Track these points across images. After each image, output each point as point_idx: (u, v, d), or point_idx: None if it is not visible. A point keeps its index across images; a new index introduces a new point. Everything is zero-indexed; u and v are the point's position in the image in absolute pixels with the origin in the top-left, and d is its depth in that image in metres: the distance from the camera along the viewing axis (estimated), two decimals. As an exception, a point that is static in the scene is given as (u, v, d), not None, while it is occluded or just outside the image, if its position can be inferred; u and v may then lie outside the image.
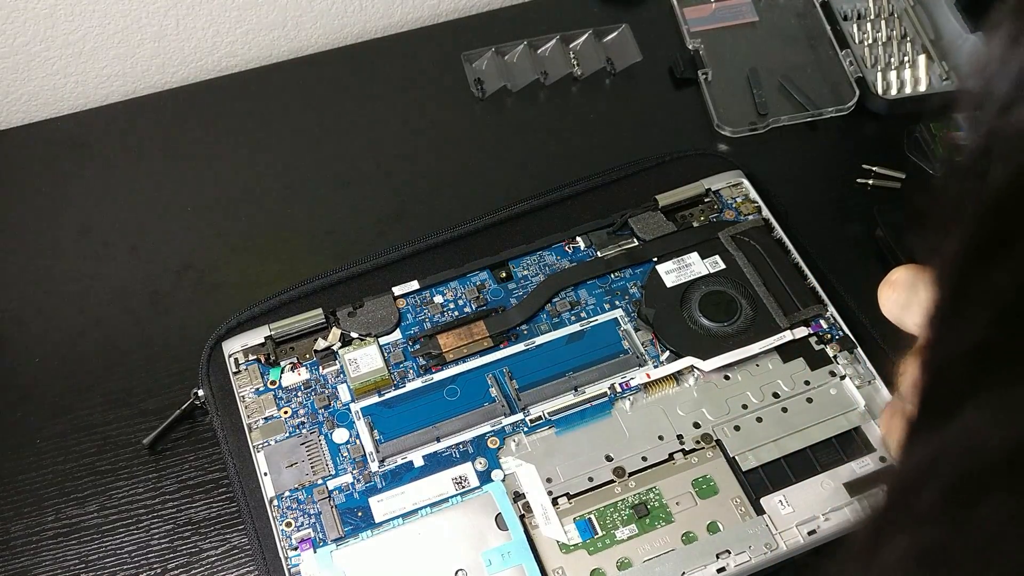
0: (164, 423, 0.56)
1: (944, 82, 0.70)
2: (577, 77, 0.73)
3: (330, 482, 0.51)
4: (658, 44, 0.74)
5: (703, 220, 0.61)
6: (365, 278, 0.59)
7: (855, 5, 0.75)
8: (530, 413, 0.53)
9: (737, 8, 0.75)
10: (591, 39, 0.74)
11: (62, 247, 0.65)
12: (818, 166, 0.69)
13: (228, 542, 0.53)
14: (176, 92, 0.74)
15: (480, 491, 0.51)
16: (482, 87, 0.72)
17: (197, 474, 0.55)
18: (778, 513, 0.50)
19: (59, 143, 0.70)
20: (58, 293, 0.63)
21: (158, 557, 0.52)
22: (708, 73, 0.71)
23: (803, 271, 0.58)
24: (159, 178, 0.69)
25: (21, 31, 0.70)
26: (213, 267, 0.64)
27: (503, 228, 0.61)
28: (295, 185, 0.68)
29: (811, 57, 0.73)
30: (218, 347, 0.56)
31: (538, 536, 0.49)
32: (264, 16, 0.76)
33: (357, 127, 0.71)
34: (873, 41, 0.72)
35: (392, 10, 0.79)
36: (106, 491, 0.55)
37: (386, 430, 0.53)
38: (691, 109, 0.71)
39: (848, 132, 0.69)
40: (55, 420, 0.57)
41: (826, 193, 0.67)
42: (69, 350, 0.60)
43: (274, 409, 0.54)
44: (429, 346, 0.56)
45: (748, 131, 0.69)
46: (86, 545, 0.53)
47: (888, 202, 0.65)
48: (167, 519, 0.54)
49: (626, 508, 0.50)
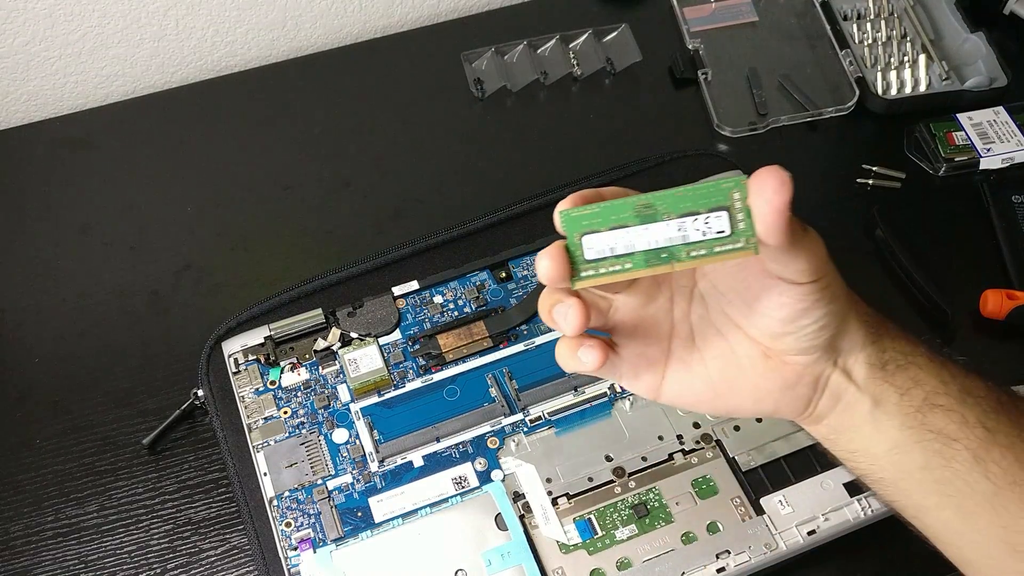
0: (164, 423, 0.56)
1: (944, 82, 0.70)
2: (577, 77, 0.73)
3: (330, 482, 0.51)
4: (658, 44, 0.74)
5: (703, 220, 0.61)
6: (365, 278, 0.59)
7: (855, 5, 0.75)
8: (530, 413, 0.53)
9: (737, 8, 0.75)
10: (591, 39, 0.74)
11: (62, 247, 0.65)
12: (818, 166, 0.69)
13: (228, 542, 0.53)
14: (176, 92, 0.74)
15: (480, 491, 0.51)
16: (482, 87, 0.72)
17: (197, 474, 0.55)
18: (778, 513, 0.50)
19: (59, 143, 0.70)
20: (58, 293, 0.63)
21: (158, 557, 0.52)
22: (708, 73, 0.71)
23: (803, 271, 0.58)
24: (159, 178, 0.69)
25: (21, 31, 0.70)
26: (213, 267, 0.64)
27: (503, 228, 0.61)
28: (295, 185, 0.68)
29: (811, 57, 0.73)
30: (218, 347, 0.56)
31: (538, 536, 0.49)
32: (264, 16, 0.76)
33: (357, 127, 0.71)
34: (873, 41, 0.72)
35: (392, 10, 0.79)
36: (106, 491, 0.55)
37: (386, 430, 0.53)
38: (691, 109, 0.71)
39: (848, 132, 0.69)
40: (55, 420, 0.57)
41: (826, 193, 0.67)
42: (69, 350, 0.60)
43: (274, 409, 0.54)
44: (429, 346, 0.56)
45: (748, 131, 0.69)
46: (86, 545, 0.53)
47: (888, 202, 0.65)
48: (167, 519, 0.54)
49: (626, 508, 0.50)
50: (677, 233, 0.32)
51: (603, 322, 0.38)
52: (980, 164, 0.66)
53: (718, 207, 0.31)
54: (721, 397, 0.39)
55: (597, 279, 0.33)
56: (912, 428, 0.37)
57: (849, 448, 0.39)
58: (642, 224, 0.32)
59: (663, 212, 0.32)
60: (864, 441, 0.38)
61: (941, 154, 0.66)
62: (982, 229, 0.64)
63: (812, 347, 0.36)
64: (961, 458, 0.36)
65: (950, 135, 0.67)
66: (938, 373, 0.38)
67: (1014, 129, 0.67)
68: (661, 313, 0.38)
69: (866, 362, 0.37)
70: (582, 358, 0.36)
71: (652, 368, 0.38)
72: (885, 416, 0.37)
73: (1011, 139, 0.66)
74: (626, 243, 0.32)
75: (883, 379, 0.37)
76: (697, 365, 0.38)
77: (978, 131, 0.67)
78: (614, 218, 0.32)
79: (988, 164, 0.66)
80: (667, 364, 0.39)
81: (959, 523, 0.38)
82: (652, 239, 0.32)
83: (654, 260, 0.32)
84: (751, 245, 0.31)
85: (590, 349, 0.36)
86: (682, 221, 0.31)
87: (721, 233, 0.31)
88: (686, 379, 0.38)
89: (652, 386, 0.39)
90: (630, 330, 0.38)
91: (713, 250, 0.31)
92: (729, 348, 0.38)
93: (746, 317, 0.37)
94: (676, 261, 0.32)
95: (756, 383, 0.38)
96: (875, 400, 0.37)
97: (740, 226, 0.31)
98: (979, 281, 0.60)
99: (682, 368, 0.38)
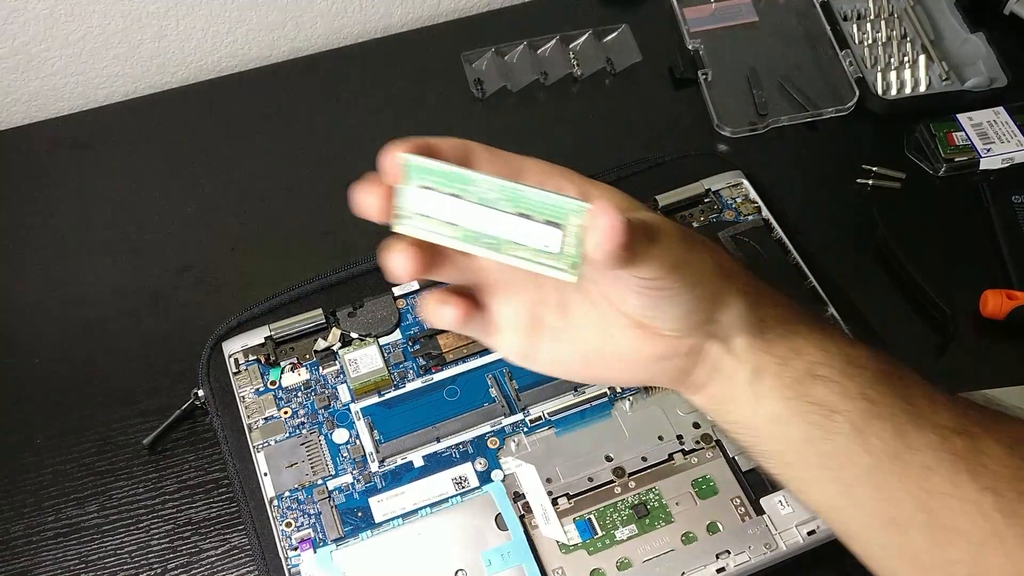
0: (164, 423, 0.56)
1: (944, 82, 0.70)
2: (577, 77, 0.73)
3: (330, 482, 0.51)
4: (658, 44, 0.74)
5: (703, 220, 0.61)
6: (365, 278, 0.59)
7: (855, 5, 0.75)
8: (530, 413, 0.53)
9: (737, 8, 0.75)
10: (591, 39, 0.74)
11: (62, 247, 0.65)
12: (818, 166, 0.69)
13: (228, 542, 0.53)
14: (176, 92, 0.74)
15: (480, 491, 0.51)
16: (482, 87, 0.72)
17: (197, 474, 0.55)
18: (778, 513, 0.50)
19: (59, 143, 0.71)
20: (58, 293, 0.63)
21: (158, 557, 0.52)
22: (708, 73, 0.71)
23: (803, 271, 0.58)
24: (159, 178, 0.69)
25: (21, 31, 0.70)
26: (213, 267, 0.64)
27: (503, 228, 0.61)
28: (295, 185, 0.68)
29: (811, 57, 0.73)
30: (218, 347, 0.56)
31: (538, 536, 0.49)
32: (264, 16, 0.76)
33: (357, 127, 0.71)
34: (873, 41, 0.72)
35: (392, 10, 0.79)
36: (106, 491, 0.55)
37: (386, 430, 0.53)
38: (691, 109, 0.71)
39: (848, 132, 0.69)
40: (55, 420, 0.57)
41: (826, 193, 0.67)
42: (69, 350, 0.60)
43: (274, 409, 0.54)
44: (429, 346, 0.56)
45: (748, 131, 0.69)
46: (86, 545, 0.53)
47: (888, 202, 0.65)
48: (167, 519, 0.54)
49: (626, 508, 0.50)
50: (508, 228, 0.31)
51: (462, 276, 0.36)
52: (980, 164, 0.66)
53: (554, 223, 0.30)
54: (592, 366, 0.38)
55: (417, 232, 0.32)
56: (792, 399, 0.36)
57: (730, 419, 0.38)
58: (479, 204, 0.31)
59: (502, 202, 0.31)
60: (744, 412, 0.37)
61: (941, 154, 0.66)
62: (982, 229, 0.64)
63: (682, 328, 0.35)
64: (842, 431, 0.35)
65: (950, 135, 0.67)
66: (820, 343, 0.37)
67: (1014, 129, 0.67)
68: (527, 276, 0.35)
69: (745, 332, 0.36)
70: (440, 313, 0.35)
71: (520, 332, 0.37)
72: (764, 387, 0.36)
73: (1011, 139, 0.66)
74: (457, 214, 0.31)
75: (763, 349, 0.36)
76: (567, 332, 0.37)
77: (978, 131, 0.67)
78: (457, 187, 0.31)
79: (988, 164, 0.66)
80: (536, 329, 0.37)
81: (840, 497, 0.37)
82: (483, 223, 0.31)
83: (478, 241, 0.31)
84: (572, 272, 0.31)
85: (446, 304, 0.35)
86: (517, 220, 0.31)
87: (547, 247, 0.30)
88: (556, 346, 0.37)
89: (520, 351, 0.37)
90: (496, 289, 0.37)
91: (535, 260, 0.31)
92: (599, 318, 0.36)
93: (612, 294, 0.36)
94: (497, 252, 0.31)
95: (628, 354, 0.37)
96: (754, 370, 0.36)
97: (569, 250, 0.30)
98: (979, 281, 0.60)
99: (552, 335, 0.37)
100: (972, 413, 0.36)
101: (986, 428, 0.35)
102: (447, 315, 0.35)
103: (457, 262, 0.35)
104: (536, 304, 0.37)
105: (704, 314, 0.35)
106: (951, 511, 0.34)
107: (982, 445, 0.35)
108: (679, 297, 0.34)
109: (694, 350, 0.37)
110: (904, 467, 0.35)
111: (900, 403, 0.36)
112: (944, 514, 0.34)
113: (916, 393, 0.36)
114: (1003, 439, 0.35)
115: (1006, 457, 0.34)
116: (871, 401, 0.36)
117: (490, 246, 0.31)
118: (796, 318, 0.37)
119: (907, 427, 0.35)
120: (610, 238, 0.29)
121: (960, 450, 0.35)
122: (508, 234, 0.31)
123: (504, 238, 0.31)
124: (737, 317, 0.36)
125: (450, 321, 0.35)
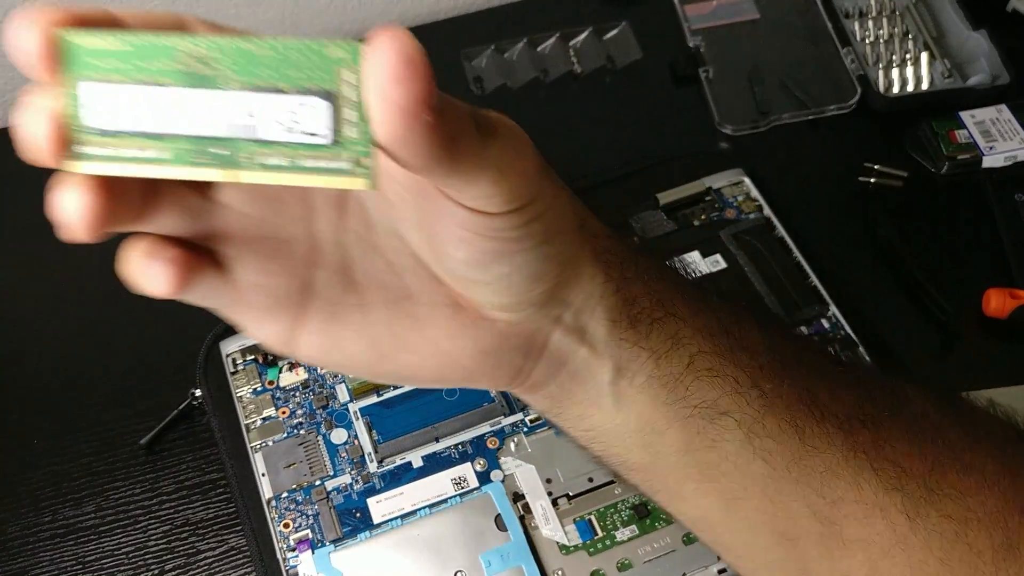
0: (161, 423, 0.55)
1: (946, 80, 0.69)
2: (577, 75, 0.73)
3: (328, 483, 0.51)
4: (659, 42, 0.73)
5: (704, 219, 0.60)
6: (364, 277, 0.58)
7: (857, 2, 0.74)
8: (530, 413, 0.53)
9: (738, 5, 0.75)
10: (591, 37, 0.74)
11: (61, 247, 0.65)
12: (819, 164, 0.69)
13: (226, 543, 0.53)
14: (174, 90, 0.74)
15: (479, 492, 0.50)
16: (481, 85, 0.72)
17: (194, 475, 0.55)
18: (779, 514, 0.49)
19: (56, 141, 0.70)
20: (56, 293, 0.63)
21: (155, 558, 0.52)
22: (709, 71, 0.71)
23: (805, 270, 0.58)
24: (157, 177, 0.68)
25: (18, 29, 0.70)
26: (211, 266, 0.63)
27: (503, 227, 0.61)
28: (294, 184, 0.68)
29: (813, 55, 0.72)
30: (216, 347, 0.56)
31: (538, 537, 0.49)
32: (263, 15, 0.76)
33: (356, 125, 0.71)
34: (875, 39, 0.72)
35: (391, 8, 0.79)
36: (103, 492, 0.54)
37: (385, 430, 0.53)
38: (692, 107, 0.70)
39: (850, 130, 0.69)
40: (52, 420, 0.57)
41: (828, 191, 0.66)
42: (66, 350, 0.60)
43: (272, 409, 0.53)
44: (428, 346, 0.55)
45: (749, 129, 0.68)
46: (83, 546, 0.53)
47: (890, 200, 0.65)
48: (164, 520, 0.53)
49: (626, 509, 0.50)
50: (243, 119, 0.19)
51: (194, 224, 0.25)
52: (983, 162, 0.65)
53: (315, 89, 0.19)
54: (388, 359, 0.27)
55: (104, 165, 0.20)
56: (670, 403, 0.28)
57: (582, 427, 0.30)
58: (190, 87, 0.19)
59: (225, 75, 0.19)
60: (602, 419, 0.29)
61: (943, 152, 0.66)
62: (985, 228, 0.63)
63: (519, 303, 0.26)
64: (731, 436, 0.28)
65: (952, 133, 0.66)
66: (705, 326, 0.28)
67: (1017, 127, 0.66)
68: (292, 224, 0.25)
69: (607, 318, 0.27)
70: (147, 273, 0.24)
71: (281, 308, 0.26)
72: (632, 389, 0.28)
73: (1014, 137, 0.66)
74: (160, 115, 0.20)
75: (631, 340, 0.28)
76: (353, 311, 0.26)
77: (981, 129, 0.66)
78: (146, 66, 0.20)
79: (991, 162, 0.66)
80: (306, 304, 0.26)
81: (720, 511, 0.30)
82: (203, 118, 0.20)
83: (203, 157, 0.20)
84: (362, 172, 0.19)
85: (154, 260, 0.24)
86: (253, 98, 0.19)
87: (315, 138, 0.19)
88: (335, 330, 0.26)
89: (282, 335, 0.27)
90: (245, 245, 0.25)
91: (299, 164, 0.19)
92: (402, 289, 0.26)
93: (426, 246, 0.25)
94: (238, 168, 0.20)
95: (440, 344, 0.27)
96: (618, 368, 0.28)
97: (350, 133, 0.19)
98: (982, 280, 0.60)
99: (329, 313, 0.26)
100: (876, 392, 0.30)
101: (892, 409, 0.30)
102: (157, 278, 0.24)
103: (179, 198, 0.24)
104: (303, 262, 0.26)
105: (550, 285, 0.26)
106: (853, 519, 0.28)
107: (888, 433, 0.29)
108: (520, 254, 0.24)
109: (530, 342, 0.27)
110: (804, 473, 0.28)
111: (799, 393, 0.29)
112: (845, 523, 0.29)
113: (816, 376, 0.30)
114: (903, 420, 0.29)
115: (907, 443, 0.29)
116: (766, 394, 0.28)
117: (225, 161, 0.20)
118: (673, 293, 0.29)
119: (808, 423, 0.28)
120: (401, 79, 0.18)
121: (865, 444, 0.29)
122: (245, 130, 0.20)
123: (241, 139, 0.20)
124: (594, 296, 0.27)
125: (162, 286, 0.24)
